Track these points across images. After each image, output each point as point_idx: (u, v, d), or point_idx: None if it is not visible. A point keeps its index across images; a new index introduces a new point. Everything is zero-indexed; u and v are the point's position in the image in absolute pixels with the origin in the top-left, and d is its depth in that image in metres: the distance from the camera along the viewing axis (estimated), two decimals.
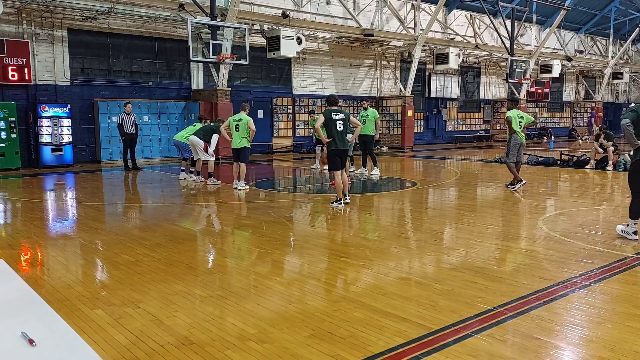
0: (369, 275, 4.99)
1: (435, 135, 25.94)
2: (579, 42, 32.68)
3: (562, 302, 4.22)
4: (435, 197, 10.33)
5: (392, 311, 4.00)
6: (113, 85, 16.29)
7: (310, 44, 19.82)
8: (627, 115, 5.64)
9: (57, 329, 1.67)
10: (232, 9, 15.54)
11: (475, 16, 25.78)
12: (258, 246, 6.30)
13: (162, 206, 9.30)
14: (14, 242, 6.38)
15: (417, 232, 7.24)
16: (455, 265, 5.34)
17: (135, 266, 5.26)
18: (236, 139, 10.51)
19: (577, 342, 3.51)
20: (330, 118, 8.34)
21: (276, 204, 9.34)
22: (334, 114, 8.38)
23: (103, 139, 15.78)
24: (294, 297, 4.38)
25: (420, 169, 15.74)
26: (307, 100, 20.76)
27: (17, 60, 14.12)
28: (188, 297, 4.34)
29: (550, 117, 32.66)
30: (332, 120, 8.34)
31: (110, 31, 15.83)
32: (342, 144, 8.45)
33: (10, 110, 13.95)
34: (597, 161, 14.46)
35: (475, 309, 4.03)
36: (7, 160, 13.96)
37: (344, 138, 8.54)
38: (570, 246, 6.06)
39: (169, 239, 6.49)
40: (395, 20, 21.93)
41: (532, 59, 26.02)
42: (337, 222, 7.87)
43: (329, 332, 3.63)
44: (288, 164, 16.74)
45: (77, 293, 4.45)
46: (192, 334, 3.60)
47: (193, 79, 17.99)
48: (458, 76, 26.13)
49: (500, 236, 6.78)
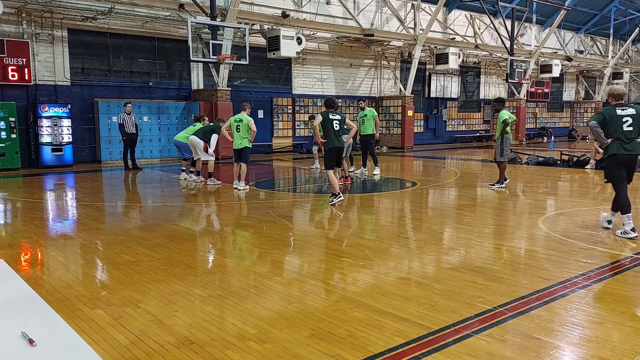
0: (368, 275, 4.99)
1: (435, 135, 25.94)
2: (579, 42, 32.68)
3: (562, 302, 4.22)
4: (435, 197, 10.33)
5: (391, 311, 4.00)
6: (113, 85, 16.30)
7: (310, 44, 19.82)
8: (595, 118, 6.47)
9: (57, 329, 1.67)
10: (232, 9, 15.54)
11: (475, 16, 25.78)
12: (258, 246, 6.30)
13: (162, 206, 9.30)
14: (14, 242, 6.38)
15: (417, 232, 7.24)
16: (455, 265, 5.34)
17: (135, 266, 5.26)
18: (237, 140, 10.54)
19: (577, 342, 3.52)
20: (327, 118, 8.82)
21: (276, 204, 9.34)
22: (331, 115, 8.83)
23: (103, 139, 15.78)
24: (294, 297, 4.38)
25: (420, 169, 15.74)
26: (307, 100, 20.77)
27: (17, 60, 14.12)
28: (188, 297, 4.34)
29: (550, 117, 32.66)
30: (329, 120, 8.79)
31: (110, 31, 15.83)
32: (338, 142, 8.84)
33: (10, 110, 13.95)
34: (597, 161, 14.45)
35: (475, 309, 4.03)
36: (7, 160, 13.97)
37: (340, 137, 8.94)
38: (570, 246, 6.06)
39: (169, 239, 6.50)
40: (395, 20, 21.94)
41: (532, 59, 26.02)
42: (337, 222, 7.87)
43: (329, 332, 3.63)
44: (288, 164, 16.74)
45: (77, 293, 4.45)
46: (192, 334, 3.60)
47: (193, 79, 17.99)
48: (458, 76, 26.13)
49: (500, 236, 6.78)
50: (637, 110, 6.36)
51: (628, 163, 6.42)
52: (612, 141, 6.37)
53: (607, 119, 6.39)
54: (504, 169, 10.79)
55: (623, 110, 6.36)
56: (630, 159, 6.37)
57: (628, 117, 6.31)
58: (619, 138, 6.33)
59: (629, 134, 6.30)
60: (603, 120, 6.41)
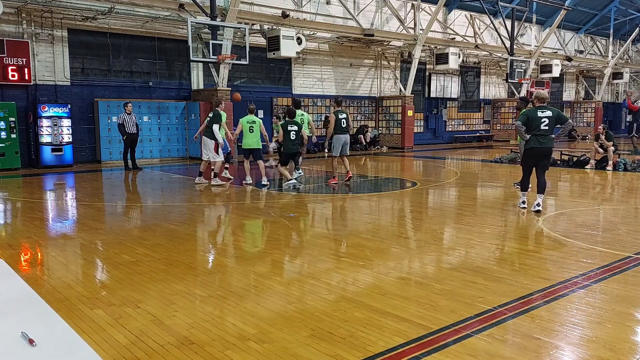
0: (368, 275, 4.98)
1: (435, 135, 25.93)
2: (579, 42, 32.67)
3: (562, 302, 4.22)
4: (435, 197, 10.33)
5: (391, 311, 4.00)
6: (113, 85, 16.29)
7: (310, 44, 19.81)
8: (520, 119, 8.00)
9: (57, 329, 1.67)
10: (232, 9, 15.54)
11: (475, 16, 25.77)
12: (258, 246, 6.30)
13: (162, 206, 9.30)
14: (14, 242, 6.38)
15: (417, 232, 7.24)
16: (455, 265, 5.34)
17: (135, 266, 5.26)
18: (251, 139, 10.96)
19: (577, 342, 3.51)
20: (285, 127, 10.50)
21: (276, 204, 9.34)
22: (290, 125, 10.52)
23: (103, 139, 15.77)
24: (294, 297, 4.38)
25: (420, 169, 15.74)
26: (307, 100, 20.75)
27: (17, 60, 14.11)
28: (188, 297, 4.34)
29: None
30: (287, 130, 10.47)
31: (110, 31, 15.82)
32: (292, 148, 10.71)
33: (10, 110, 13.94)
34: (597, 161, 14.46)
35: (475, 309, 4.03)
36: (7, 160, 13.96)
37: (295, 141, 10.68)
38: (571, 246, 6.07)
39: (169, 239, 6.49)
40: (395, 20, 21.93)
41: (532, 59, 26.01)
42: (337, 222, 7.87)
43: (329, 332, 3.63)
44: None
45: (77, 293, 4.45)
46: (192, 334, 3.60)
47: (193, 79, 17.98)
48: (458, 76, 26.12)
49: (500, 236, 6.78)
50: (553, 112, 7.77)
51: (542, 154, 7.92)
52: (531, 137, 7.83)
53: (530, 119, 7.80)
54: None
55: (542, 112, 7.77)
56: (544, 151, 7.87)
57: (545, 118, 7.74)
58: (536, 134, 7.78)
59: (544, 131, 7.75)
60: (526, 120, 7.85)
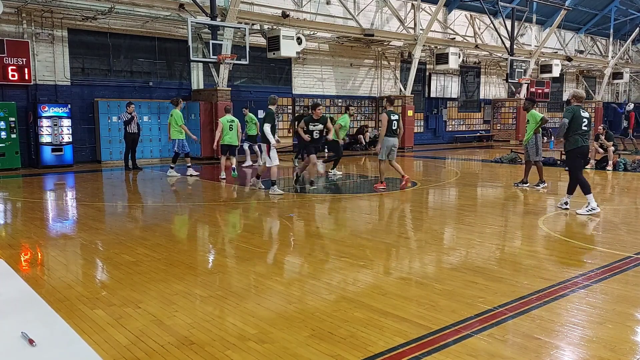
0: (369, 275, 4.98)
1: (435, 135, 25.93)
2: (579, 42, 32.66)
3: (562, 302, 4.22)
4: (435, 197, 10.33)
5: (392, 311, 4.00)
6: (113, 85, 16.29)
7: (310, 44, 19.81)
8: (565, 115, 7.95)
9: (57, 329, 1.67)
10: (232, 9, 15.54)
11: (475, 16, 25.76)
12: (258, 246, 6.30)
13: (162, 206, 9.30)
14: (14, 242, 6.38)
15: (417, 232, 7.24)
16: (455, 265, 5.34)
17: (135, 266, 5.26)
18: (231, 137, 11.88)
19: (578, 342, 3.51)
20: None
21: (276, 204, 9.34)
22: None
23: (103, 139, 15.77)
24: (294, 297, 4.37)
25: (421, 169, 15.74)
26: (307, 100, 20.75)
27: (17, 60, 14.11)
28: (188, 297, 4.34)
29: (550, 117, 32.63)
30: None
31: (110, 31, 15.82)
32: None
33: (10, 110, 13.94)
34: (597, 161, 14.46)
35: (476, 309, 4.03)
36: (7, 160, 13.95)
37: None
38: (571, 246, 6.06)
39: (169, 239, 6.50)
40: (395, 20, 21.93)
41: (532, 59, 26.01)
42: (337, 222, 7.87)
43: (329, 332, 3.62)
44: (288, 164, 16.72)
45: (77, 293, 4.45)
46: (192, 334, 3.60)
47: (193, 79, 17.98)
48: (458, 76, 26.12)
49: (501, 236, 6.78)
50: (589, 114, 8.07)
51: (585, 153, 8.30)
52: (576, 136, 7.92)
53: (575, 117, 7.83)
54: (541, 168, 10.83)
55: (584, 112, 7.88)
56: (586, 150, 8.19)
57: (585, 119, 7.85)
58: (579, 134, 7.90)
59: (585, 131, 7.90)
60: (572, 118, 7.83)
